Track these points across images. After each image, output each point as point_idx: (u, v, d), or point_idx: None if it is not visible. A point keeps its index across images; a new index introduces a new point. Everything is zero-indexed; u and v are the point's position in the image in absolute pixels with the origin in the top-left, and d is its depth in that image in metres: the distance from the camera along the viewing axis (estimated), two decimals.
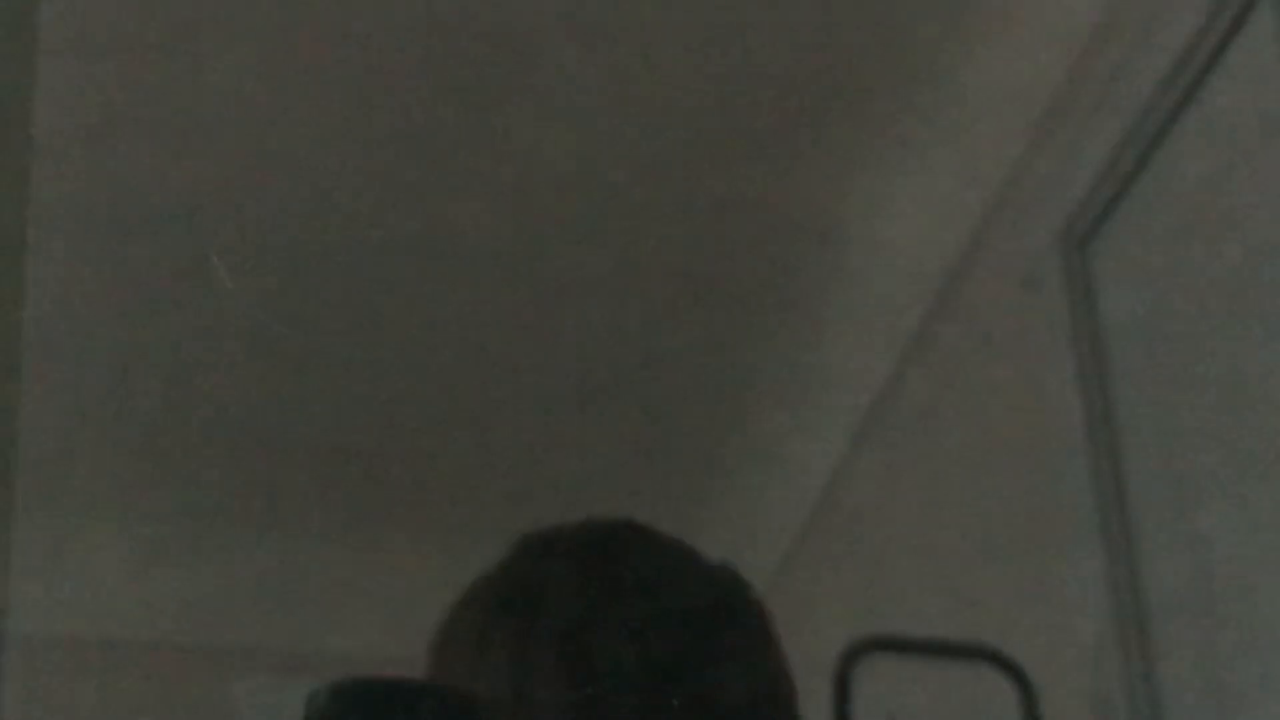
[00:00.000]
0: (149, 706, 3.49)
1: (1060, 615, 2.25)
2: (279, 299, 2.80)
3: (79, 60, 2.35)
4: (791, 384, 3.02)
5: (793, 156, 2.55)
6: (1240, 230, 1.95)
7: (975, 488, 2.61)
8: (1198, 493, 1.98)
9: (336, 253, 2.72)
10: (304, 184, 2.59)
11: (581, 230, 2.69)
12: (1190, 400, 2.03)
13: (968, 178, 2.55)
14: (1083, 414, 2.22)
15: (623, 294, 2.82)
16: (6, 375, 2.89)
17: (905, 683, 2.33)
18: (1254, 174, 1.92)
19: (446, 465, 3.25)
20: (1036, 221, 2.38)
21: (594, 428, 3.14)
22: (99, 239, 2.66)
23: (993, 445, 2.56)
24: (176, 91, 2.41)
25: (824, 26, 2.33)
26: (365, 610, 3.56)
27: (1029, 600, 2.39)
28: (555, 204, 2.64)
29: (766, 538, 3.36)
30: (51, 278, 2.72)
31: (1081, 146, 2.26)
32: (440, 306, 2.84)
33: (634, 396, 3.07)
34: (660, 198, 2.63)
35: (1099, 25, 2.27)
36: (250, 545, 3.42)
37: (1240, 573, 1.88)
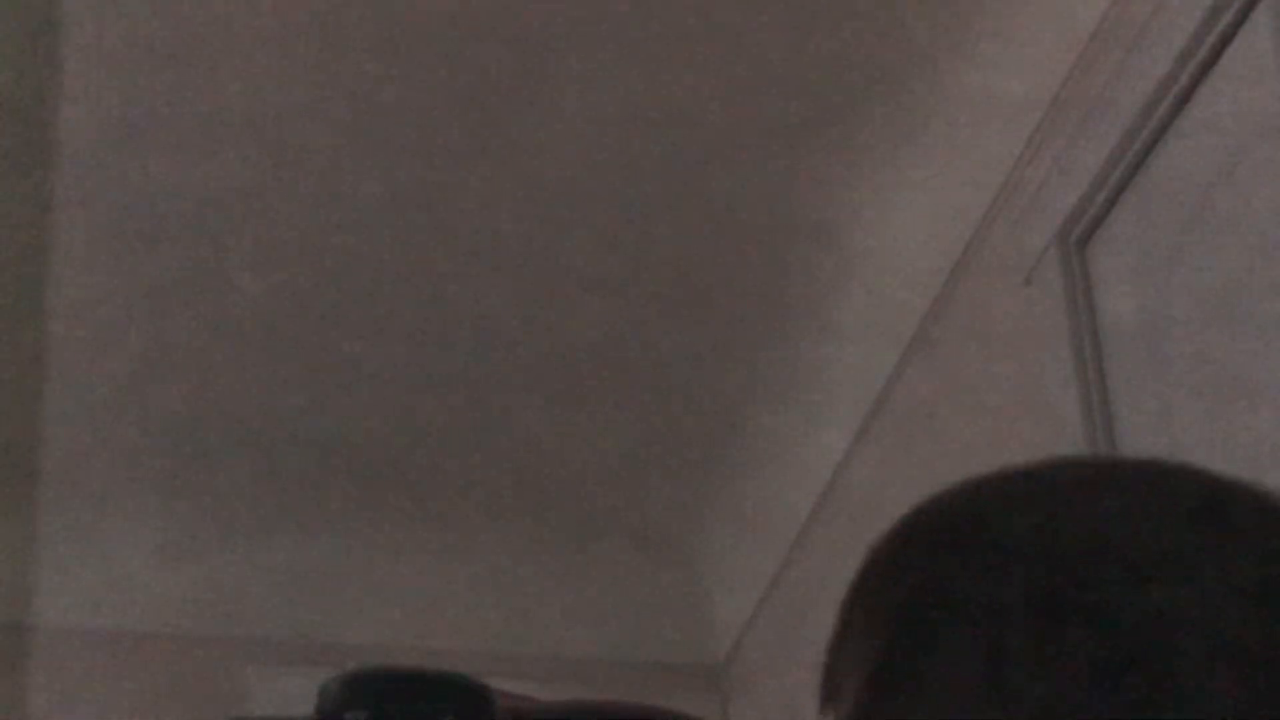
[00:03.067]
0: (167, 696, 3.50)
1: None
2: (296, 298, 2.82)
3: (100, 65, 2.36)
4: (793, 382, 3.03)
5: (794, 158, 2.55)
6: (1238, 231, 1.96)
7: None
8: None
9: (351, 254, 2.74)
10: (321, 187, 2.60)
11: (588, 231, 2.70)
12: (1188, 400, 2.04)
13: (967, 178, 2.55)
14: (1081, 412, 2.23)
15: (627, 293, 2.83)
16: (31, 371, 2.90)
17: None
18: (1251, 175, 1.93)
19: (457, 462, 3.27)
20: (1035, 221, 2.39)
21: (599, 425, 3.16)
22: (120, 240, 2.69)
23: (992, 443, 2.57)
24: (195, 96, 2.43)
25: (824, 30, 2.34)
26: (379, 602, 3.58)
27: None
28: (562, 206, 2.65)
29: (769, 534, 3.37)
30: (74, 277, 2.74)
31: (1080, 147, 2.27)
32: (450, 306, 2.86)
33: (639, 394, 3.08)
34: (665, 199, 2.64)
35: (1097, 27, 2.28)
36: (267, 538, 3.43)
37: None
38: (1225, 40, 2.00)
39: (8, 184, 2.52)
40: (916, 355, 2.86)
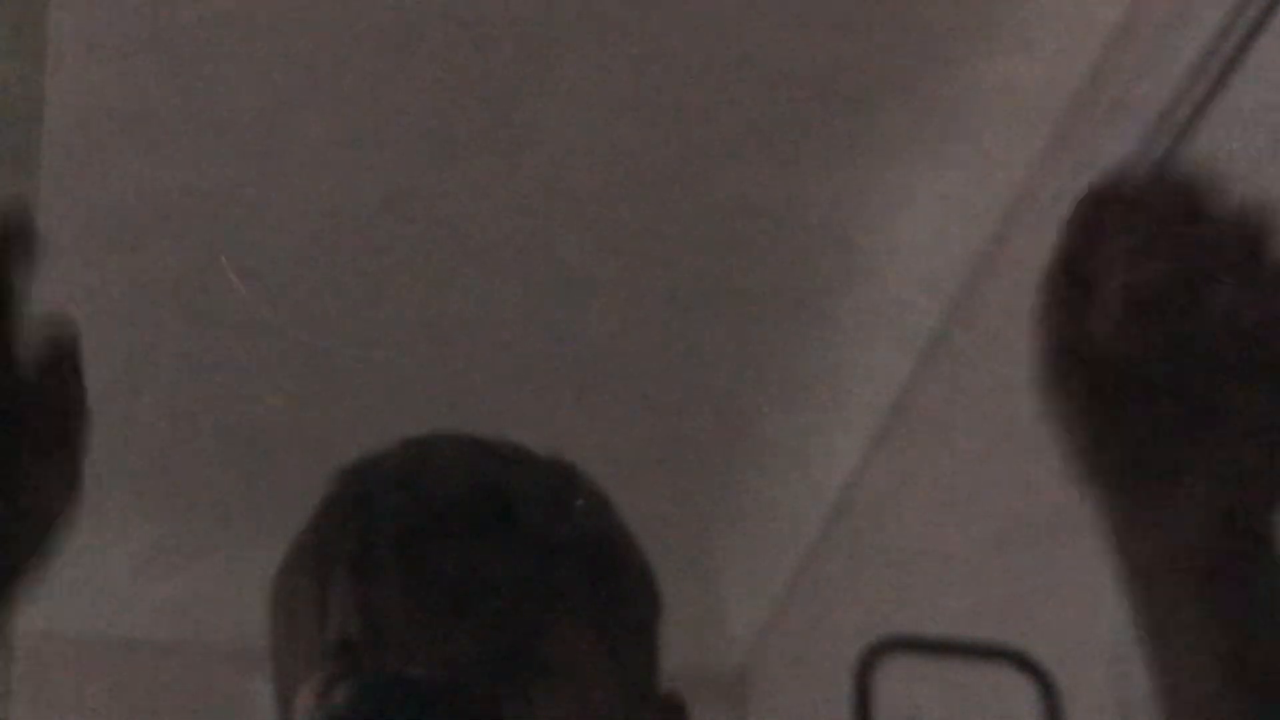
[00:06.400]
0: (162, 706, 3.49)
1: (1080, 615, 2.24)
2: (290, 300, 2.81)
3: (89, 62, 2.35)
4: (808, 386, 3.02)
5: (809, 158, 2.54)
6: None
7: (994, 488, 2.60)
8: None
9: (348, 254, 2.73)
10: (317, 186, 2.59)
11: (598, 232, 2.69)
12: None
13: (985, 178, 2.54)
14: None
15: (638, 295, 2.82)
16: None
17: (925, 683, 2.32)
18: (1277, 174, 1.91)
19: None
20: (1054, 223, 2.37)
21: (610, 430, 3.14)
22: (108, 241, 2.67)
23: (1011, 445, 2.55)
24: (187, 93, 2.42)
25: (840, 27, 2.33)
26: None
27: (1049, 600, 2.38)
28: (570, 206, 2.64)
29: (785, 539, 3.36)
30: (60, 280, 2.72)
31: (1102, 145, 2.25)
32: (453, 308, 2.85)
33: (651, 399, 3.07)
34: (677, 199, 2.63)
35: (1119, 24, 2.27)
36: (259, 544, 3.41)
37: None
38: (1252, 34, 1.98)
39: None
40: (934, 359, 2.85)
